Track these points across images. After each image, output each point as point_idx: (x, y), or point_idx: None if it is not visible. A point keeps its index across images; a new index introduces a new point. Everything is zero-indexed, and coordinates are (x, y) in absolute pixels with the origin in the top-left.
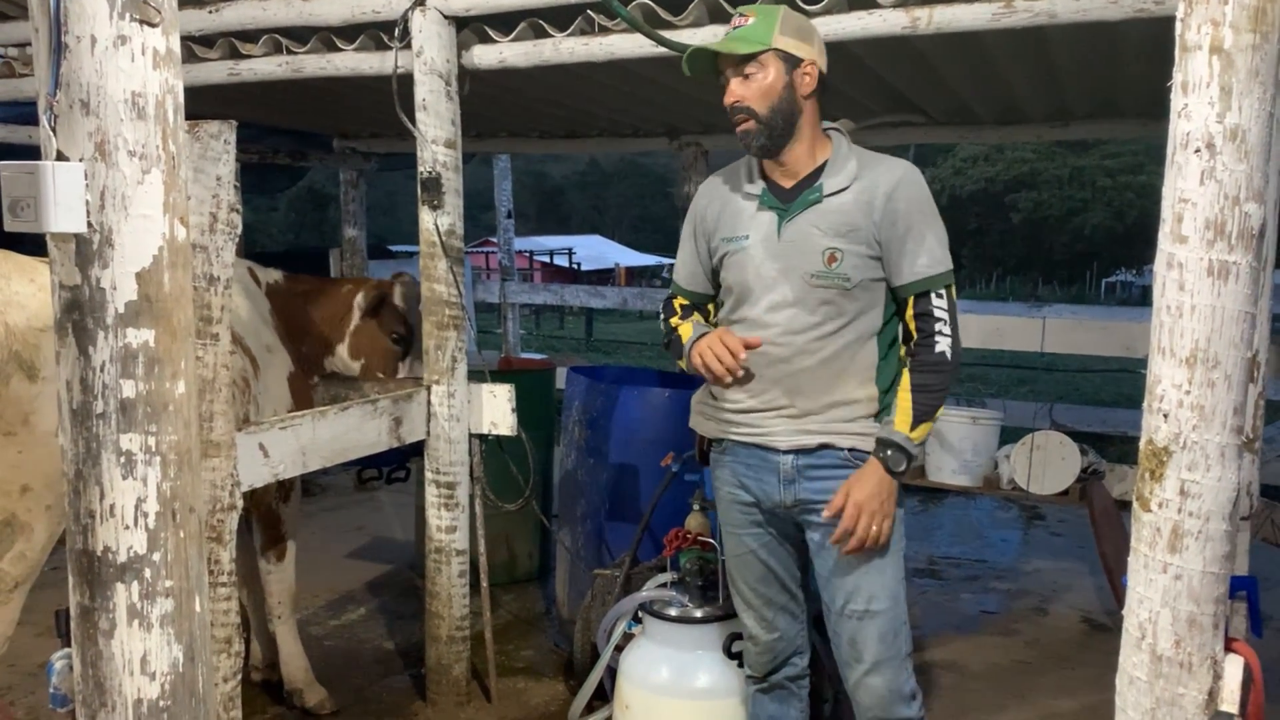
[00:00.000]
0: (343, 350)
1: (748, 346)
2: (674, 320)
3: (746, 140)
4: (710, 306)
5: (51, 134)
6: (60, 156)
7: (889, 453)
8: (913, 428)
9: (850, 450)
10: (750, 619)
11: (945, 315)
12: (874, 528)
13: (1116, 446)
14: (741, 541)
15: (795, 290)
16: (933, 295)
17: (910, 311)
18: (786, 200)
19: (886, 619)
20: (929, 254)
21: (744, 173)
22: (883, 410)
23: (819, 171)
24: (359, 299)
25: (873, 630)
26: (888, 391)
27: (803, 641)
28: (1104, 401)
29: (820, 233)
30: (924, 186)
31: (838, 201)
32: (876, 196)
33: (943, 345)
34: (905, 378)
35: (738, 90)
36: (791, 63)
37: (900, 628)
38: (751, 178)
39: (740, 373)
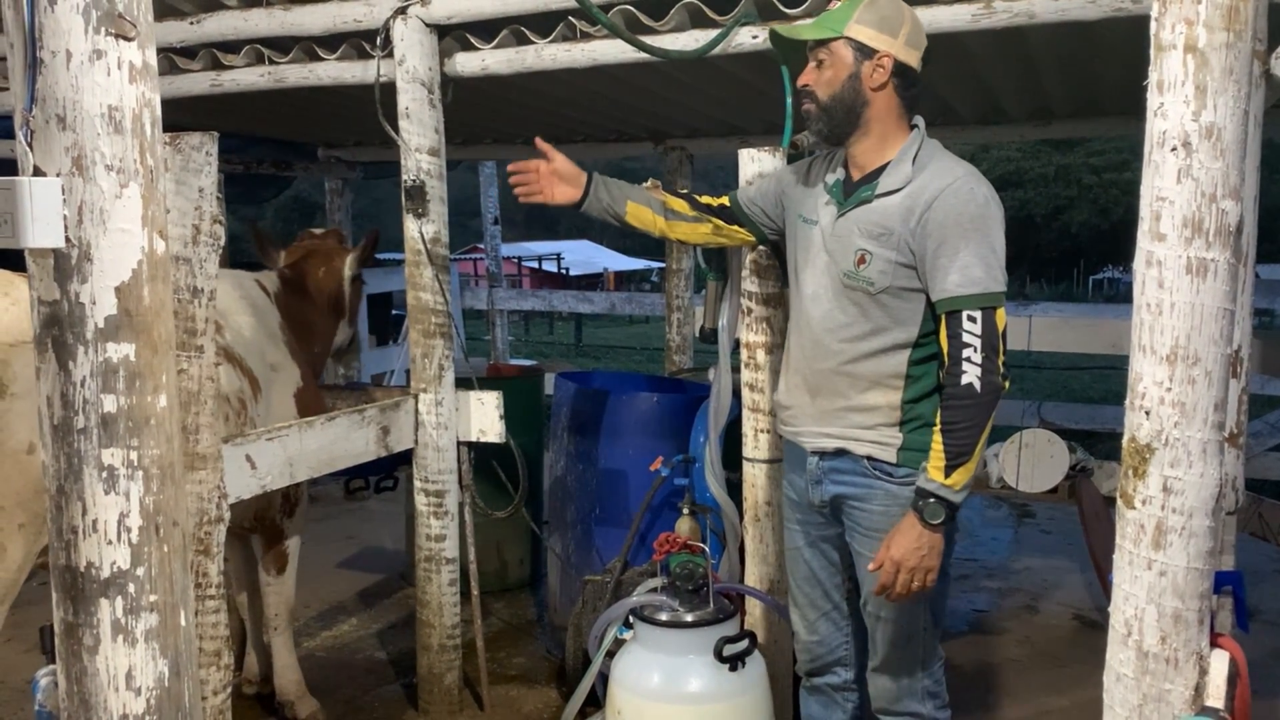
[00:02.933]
0: (343, 325)
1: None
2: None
3: (810, 122)
4: (740, 232)
5: (28, 149)
6: (37, 172)
7: (927, 503)
8: (946, 474)
9: (868, 459)
10: (795, 615)
11: (975, 341)
12: (915, 583)
13: (1105, 443)
14: (791, 537)
15: (832, 286)
16: (964, 317)
17: (944, 332)
18: (847, 194)
19: (898, 627)
20: (962, 271)
21: (834, 159)
22: (907, 420)
23: (883, 169)
24: (347, 270)
25: (883, 633)
26: (917, 401)
27: (847, 654)
28: (1092, 399)
29: (858, 233)
30: (977, 197)
31: (884, 203)
32: (919, 203)
33: (969, 376)
34: (937, 416)
35: (807, 74)
36: (864, 53)
37: (916, 634)
38: (833, 166)
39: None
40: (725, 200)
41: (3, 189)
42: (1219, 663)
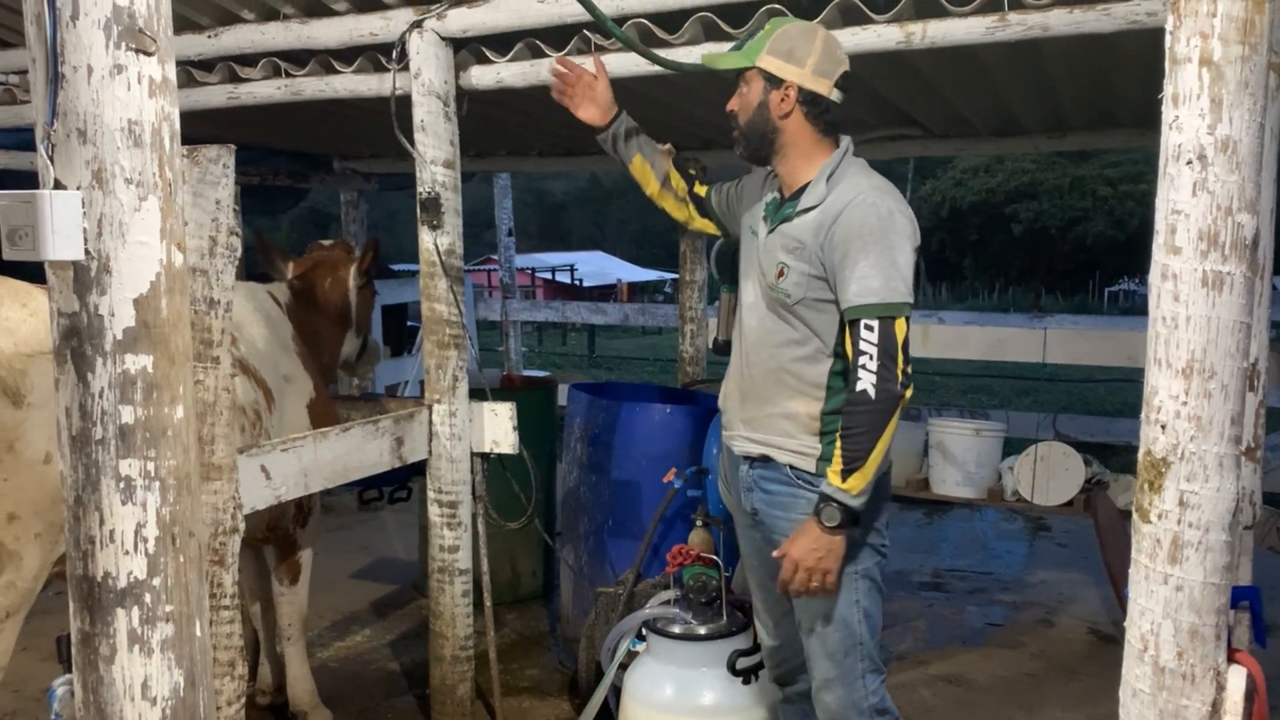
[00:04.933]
0: (350, 335)
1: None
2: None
3: (734, 144)
4: (692, 208)
5: (49, 163)
6: (58, 185)
7: (825, 506)
8: (843, 478)
9: (790, 467)
10: (759, 622)
11: (871, 350)
12: (813, 583)
13: (1120, 456)
14: (743, 544)
15: (760, 296)
16: (861, 326)
17: (848, 341)
18: (776, 212)
19: (834, 640)
20: (860, 282)
21: (770, 178)
22: (826, 432)
23: (803, 189)
24: (351, 280)
25: (819, 648)
26: (833, 414)
27: None
28: (1107, 411)
29: (780, 247)
30: (880, 210)
31: (802, 220)
32: (828, 217)
33: (864, 383)
34: (839, 422)
35: (733, 99)
36: (772, 82)
37: (852, 648)
38: (772, 185)
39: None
40: (702, 191)
41: (24, 202)
42: (1236, 679)
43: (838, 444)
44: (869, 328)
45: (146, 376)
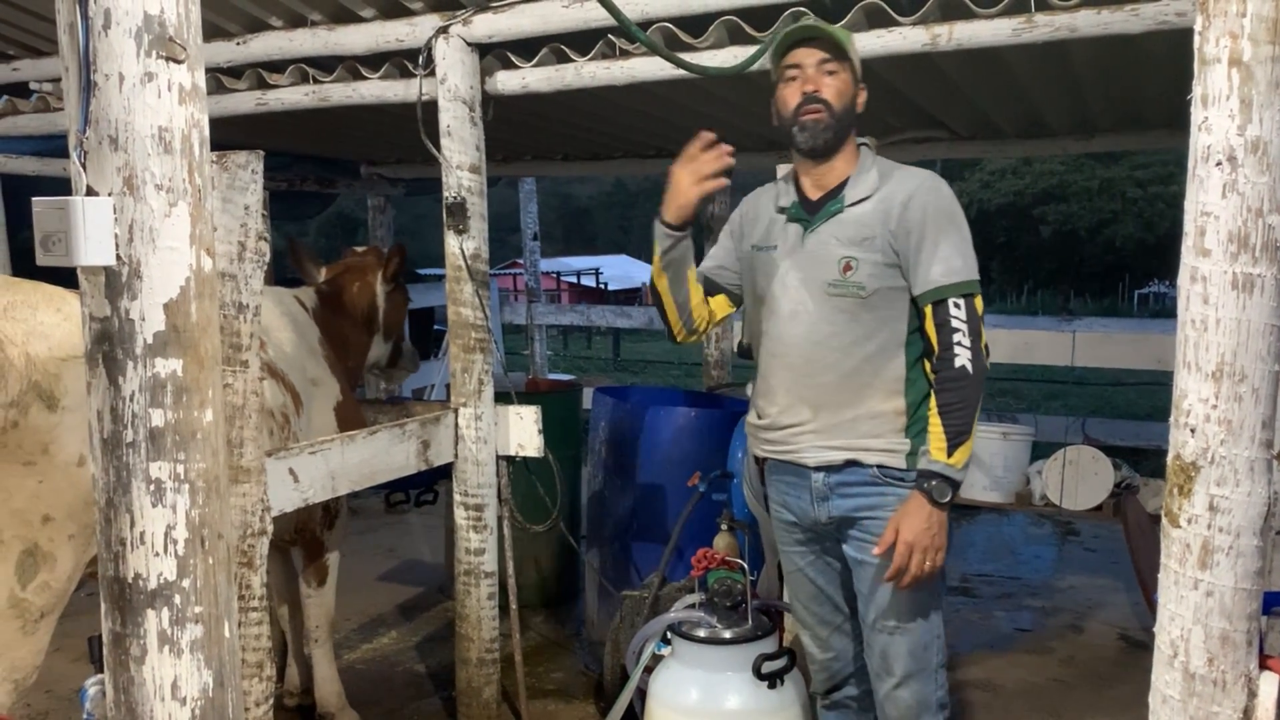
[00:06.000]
0: (378, 339)
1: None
2: None
3: (814, 130)
4: (723, 300)
5: (81, 170)
6: (90, 191)
7: (933, 483)
8: (949, 453)
9: (878, 467)
10: (806, 637)
11: (963, 326)
12: (927, 563)
13: (1150, 460)
14: (791, 560)
15: (814, 300)
16: (950, 304)
17: (930, 323)
18: (811, 212)
19: (917, 634)
20: (944, 262)
21: (780, 188)
22: (912, 425)
23: (844, 184)
24: (379, 284)
25: (903, 645)
26: (919, 405)
27: (863, 665)
28: (1137, 415)
29: (838, 242)
30: (944, 194)
31: (857, 211)
32: (894, 205)
33: (962, 359)
34: (932, 400)
35: (819, 80)
36: (856, 79)
37: (932, 641)
38: (785, 192)
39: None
40: (694, 274)
41: (57, 208)
42: (1268, 685)
43: (937, 421)
44: (957, 305)
45: (176, 380)
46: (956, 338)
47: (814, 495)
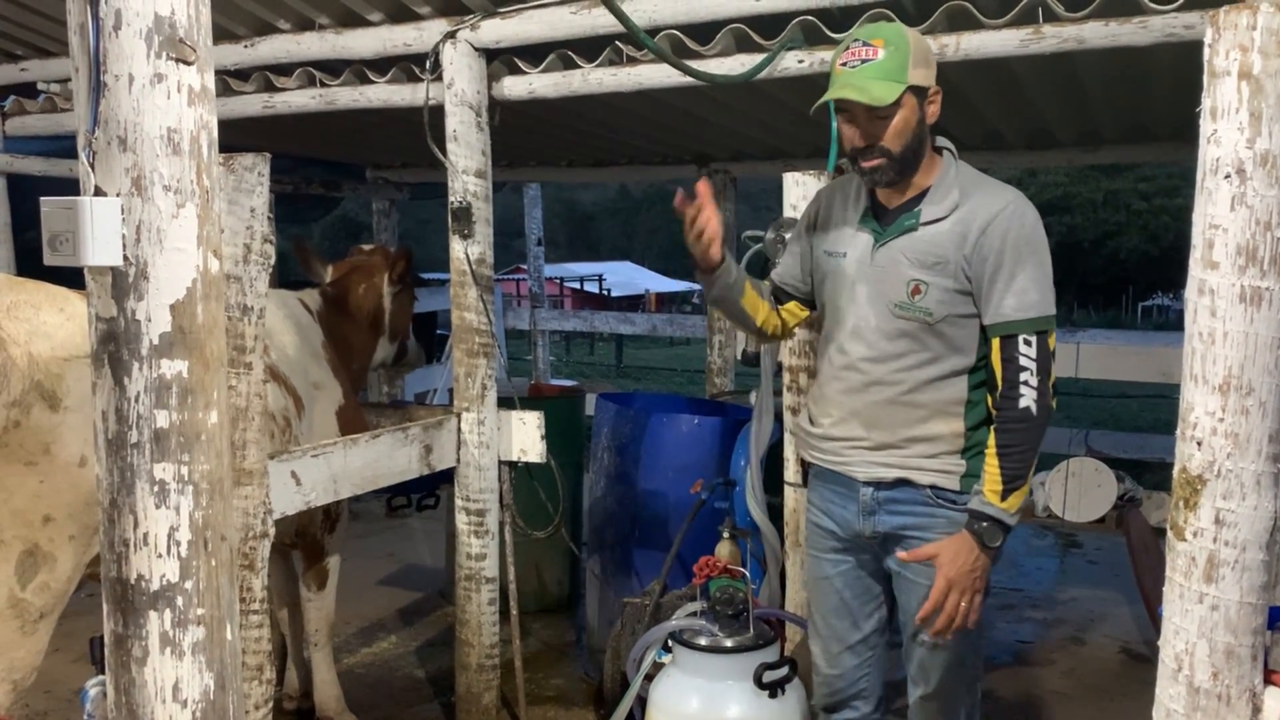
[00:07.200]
0: (383, 341)
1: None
2: None
3: (874, 177)
4: (795, 307)
5: (90, 170)
6: (98, 192)
7: (984, 525)
8: (1003, 497)
9: (931, 488)
10: (817, 648)
11: (1031, 365)
12: (963, 605)
13: (1154, 473)
14: (820, 567)
15: (879, 317)
16: (1020, 340)
17: (996, 356)
18: (885, 223)
19: (954, 653)
20: (1018, 295)
21: (854, 188)
22: (970, 448)
23: (921, 196)
24: (385, 286)
25: (940, 660)
26: (978, 428)
27: (868, 685)
28: (1141, 427)
29: (908, 262)
30: (1028, 221)
31: (932, 231)
32: (972, 229)
33: (1027, 399)
34: (991, 438)
35: (870, 129)
36: (922, 95)
37: (968, 656)
38: (859, 195)
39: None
40: (767, 284)
41: (65, 208)
42: (1273, 700)
43: (994, 462)
44: (1028, 342)
45: (181, 381)
46: (1024, 376)
47: (861, 508)
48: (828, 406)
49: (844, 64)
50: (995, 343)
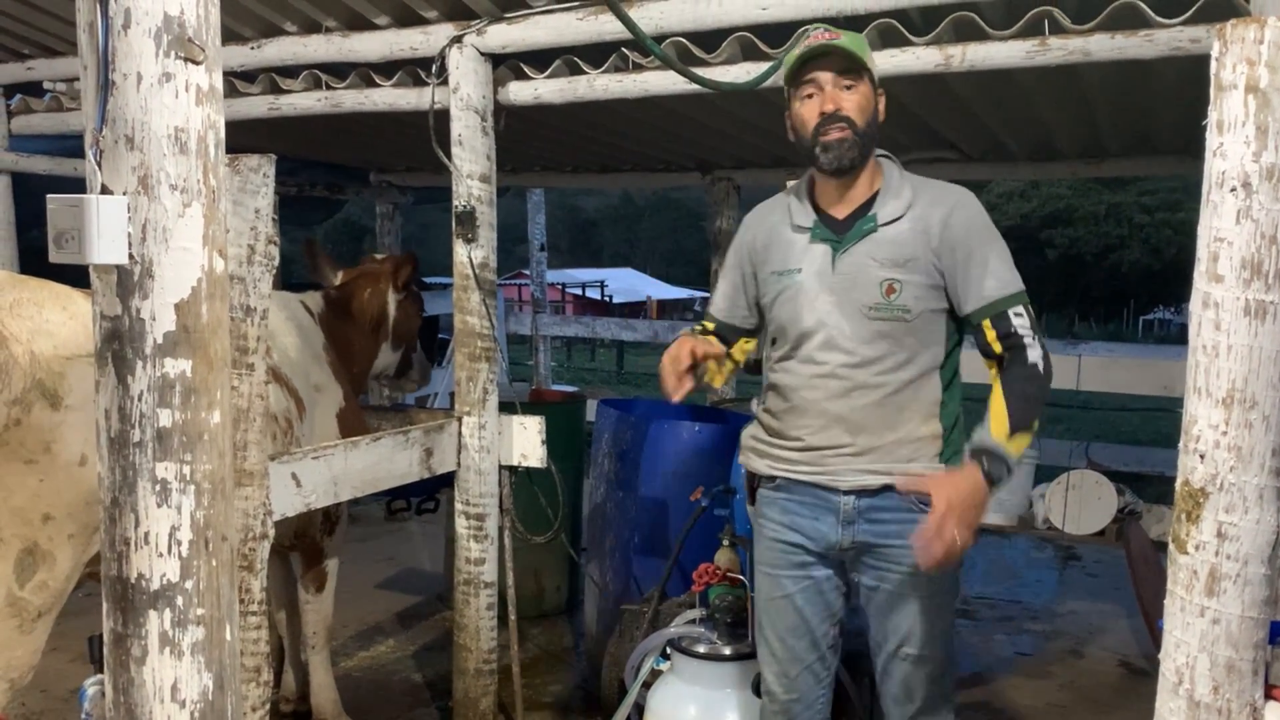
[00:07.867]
0: (386, 347)
1: (707, 356)
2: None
3: (839, 150)
4: (744, 343)
5: (97, 168)
6: (105, 190)
7: (991, 460)
8: (1010, 435)
9: (913, 493)
10: (771, 673)
11: (1028, 331)
12: (958, 537)
13: (1154, 486)
14: (779, 584)
15: (853, 324)
16: (1010, 315)
17: (991, 336)
18: (840, 231)
19: (938, 662)
20: (995, 276)
21: (793, 205)
22: (946, 448)
23: (872, 201)
24: (390, 292)
25: (924, 674)
26: (952, 429)
27: (823, 707)
28: (1141, 441)
29: (877, 264)
30: (980, 209)
31: (893, 230)
32: (933, 224)
33: (1034, 355)
34: (997, 387)
35: (838, 97)
36: (875, 87)
37: (948, 669)
38: (800, 210)
39: (687, 388)
40: (710, 326)
41: (71, 206)
42: (1274, 715)
43: (1001, 405)
44: (1018, 314)
45: (185, 381)
46: (1025, 340)
47: (840, 518)
48: (803, 418)
49: (809, 44)
50: (986, 324)
